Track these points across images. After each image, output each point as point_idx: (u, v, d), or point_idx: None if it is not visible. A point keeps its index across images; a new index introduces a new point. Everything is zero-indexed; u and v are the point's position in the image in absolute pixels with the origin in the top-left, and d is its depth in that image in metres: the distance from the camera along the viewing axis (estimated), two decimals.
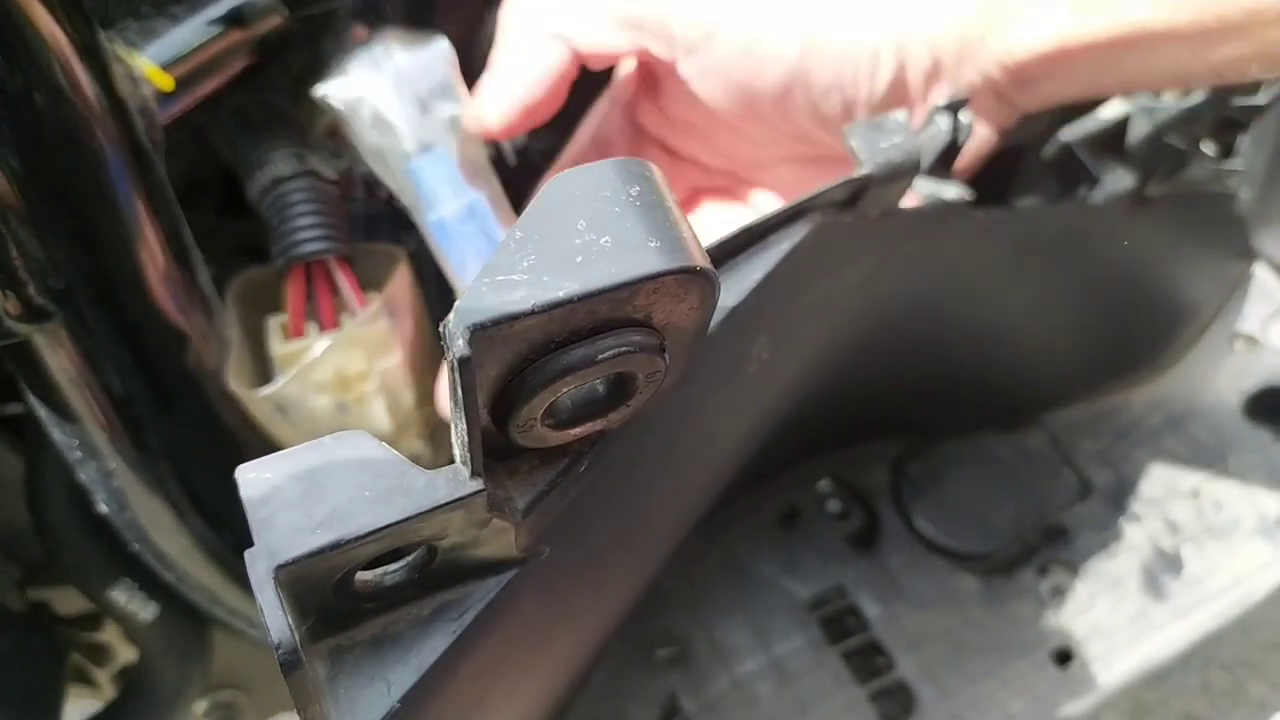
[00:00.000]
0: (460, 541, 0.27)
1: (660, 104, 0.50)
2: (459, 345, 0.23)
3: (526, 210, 0.25)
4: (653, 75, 0.49)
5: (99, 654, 0.71)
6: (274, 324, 0.50)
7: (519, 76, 0.46)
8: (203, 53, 0.43)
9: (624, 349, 0.25)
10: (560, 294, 0.24)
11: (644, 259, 0.24)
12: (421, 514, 0.25)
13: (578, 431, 0.28)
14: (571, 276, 0.24)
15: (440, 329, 0.23)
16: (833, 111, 0.45)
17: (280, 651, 0.23)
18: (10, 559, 0.63)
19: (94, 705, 0.67)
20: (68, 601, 0.67)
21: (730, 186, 0.53)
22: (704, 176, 0.53)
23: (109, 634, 0.70)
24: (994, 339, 0.67)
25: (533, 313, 0.23)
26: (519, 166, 0.56)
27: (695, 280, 0.25)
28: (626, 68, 0.51)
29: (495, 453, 0.28)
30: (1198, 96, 0.63)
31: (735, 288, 0.35)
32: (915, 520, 0.75)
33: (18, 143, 0.37)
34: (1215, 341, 0.87)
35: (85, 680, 0.72)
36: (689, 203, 0.53)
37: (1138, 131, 0.61)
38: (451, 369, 0.23)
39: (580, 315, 0.24)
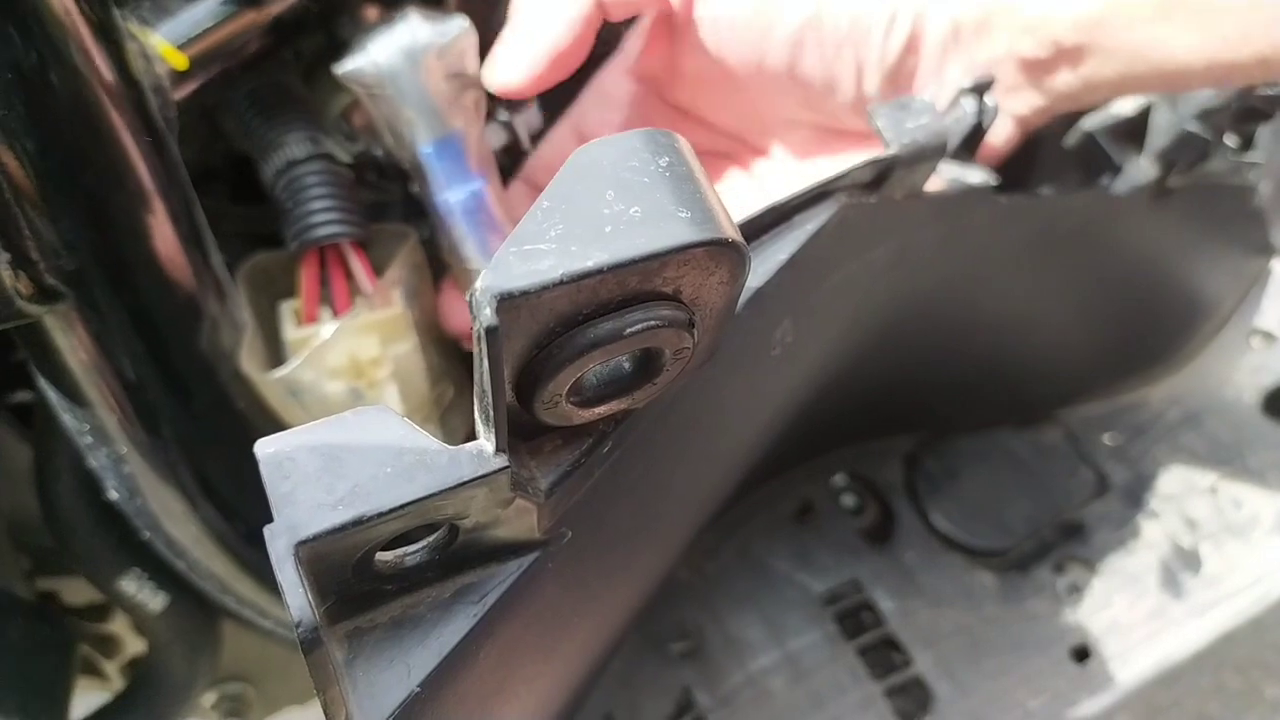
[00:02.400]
0: (482, 521, 0.27)
1: (673, 55, 0.49)
2: (486, 314, 0.22)
3: (554, 180, 0.25)
4: (668, 24, 0.48)
5: (108, 645, 0.71)
6: (287, 309, 0.49)
7: (545, 24, 0.44)
8: (217, 31, 0.43)
9: (653, 323, 0.25)
10: (589, 264, 0.23)
11: (674, 230, 0.24)
12: (444, 491, 0.24)
13: (602, 410, 0.28)
14: (600, 246, 0.23)
15: (468, 298, 0.23)
16: (844, 70, 0.45)
17: (300, 630, 0.23)
18: (19, 549, 0.63)
19: (102, 696, 0.67)
20: (77, 592, 0.66)
21: (734, 151, 0.52)
22: (708, 138, 0.52)
23: (118, 625, 0.69)
24: (1012, 330, 0.67)
25: (561, 282, 0.23)
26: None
27: (726, 252, 0.25)
28: (640, 25, 0.51)
29: (519, 430, 0.28)
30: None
31: (760, 268, 0.34)
32: (931, 516, 0.74)
33: (31, 121, 0.36)
34: (1233, 337, 0.86)
35: (94, 671, 0.72)
36: None
37: (1160, 121, 0.60)
38: (478, 340, 0.23)
39: (609, 286, 0.24)
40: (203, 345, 0.45)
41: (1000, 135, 0.47)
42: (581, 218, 0.24)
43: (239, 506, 0.50)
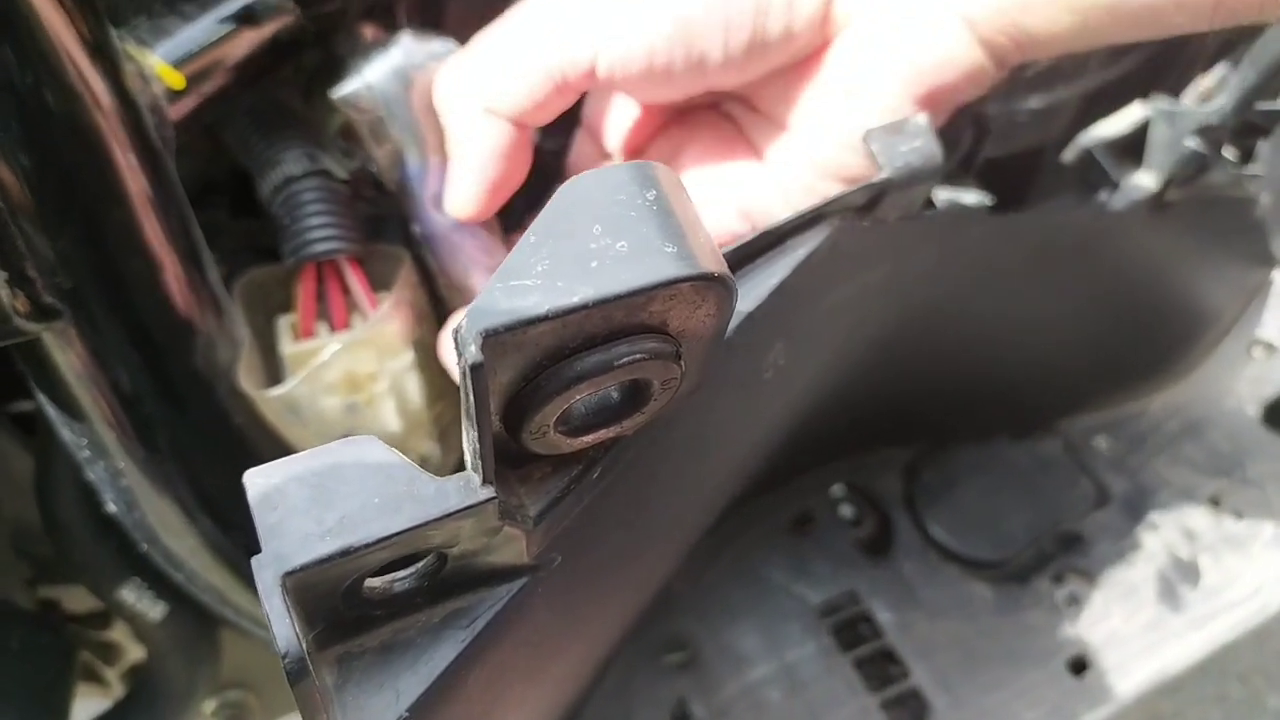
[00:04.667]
0: (471, 549, 0.27)
1: (603, 117, 0.50)
2: (471, 351, 0.22)
3: (540, 214, 0.25)
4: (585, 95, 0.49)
5: (108, 652, 0.71)
6: (284, 324, 0.49)
7: (470, 164, 0.45)
8: (214, 51, 0.43)
9: (639, 355, 0.25)
10: (575, 299, 0.23)
11: (660, 265, 0.24)
12: (431, 522, 0.25)
13: (591, 438, 0.28)
14: (586, 282, 0.23)
15: (453, 334, 0.23)
16: (740, 50, 0.42)
17: (287, 660, 0.23)
18: (21, 557, 0.63)
19: (103, 703, 0.67)
20: (77, 600, 0.67)
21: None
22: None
23: (118, 633, 0.70)
24: (1011, 344, 0.67)
25: (547, 318, 0.23)
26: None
27: (712, 287, 0.25)
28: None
29: (507, 459, 0.28)
30: (1219, 101, 0.62)
31: (752, 293, 0.35)
32: (929, 527, 0.74)
33: (28, 140, 0.37)
34: (1234, 348, 0.86)
35: (95, 678, 0.72)
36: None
37: (1158, 136, 0.60)
38: (463, 375, 0.23)
39: (595, 321, 0.24)
40: (199, 361, 0.45)
41: (962, 59, 0.42)
42: (568, 253, 0.24)
43: (237, 519, 0.50)
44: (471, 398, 0.23)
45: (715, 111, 0.49)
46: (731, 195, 0.45)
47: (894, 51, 0.42)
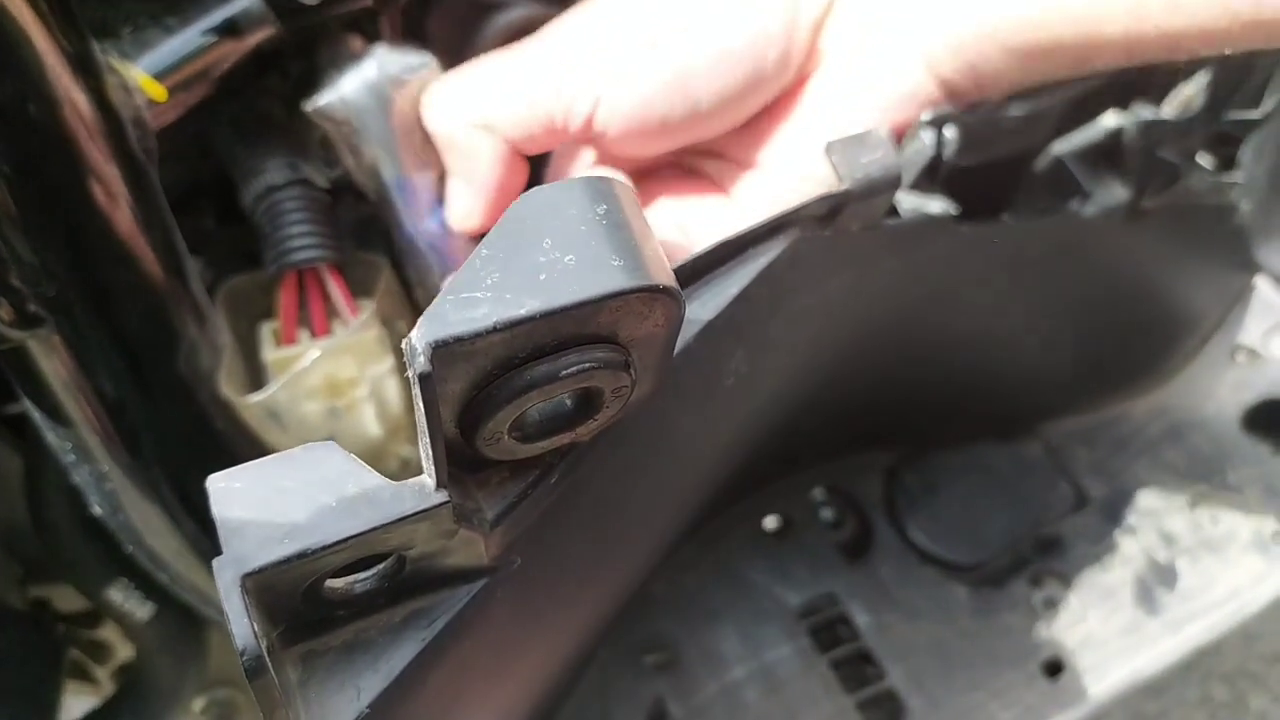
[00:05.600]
0: (429, 551, 0.28)
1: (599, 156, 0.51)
2: (420, 361, 0.23)
3: (494, 228, 0.26)
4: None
5: (98, 651, 0.72)
6: (266, 330, 0.51)
7: (467, 179, 0.47)
8: (196, 62, 0.44)
9: (588, 365, 0.26)
10: (522, 311, 0.24)
11: (607, 277, 0.25)
12: (387, 525, 0.26)
13: (546, 444, 0.29)
14: (534, 294, 0.24)
15: (403, 345, 0.24)
16: (736, 94, 0.44)
17: (245, 658, 0.24)
18: (11, 556, 0.64)
19: (93, 701, 0.68)
20: (68, 599, 0.67)
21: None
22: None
23: (108, 632, 0.70)
24: (988, 351, 0.67)
25: (494, 330, 0.24)
26: None
27: (659, 298, 0.26)
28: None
29: (465, 464, 0.29)
30: (1192, 109, 0.63)
31: (711, 302, 0.36)
32: (908, 530, 0.75)
33: (11, 151, 0.38)
34: (1215, 354, 0.87)
35: (85, 677, 0.73)
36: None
37: (1130, 144, 0.61)
38: (413, 384, 0.24)
39: (543, 332, 0.25)
40: (182, 367, 0.46)
41: (919, 93, 0.45)
42: (518, 266, 0.25)
43: None
44: (422, 405, 0.24)
45: (678, 165, 0.51)
46: (711, 234, 0.46)
47: (866, 90, 0.45)
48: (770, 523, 0.76)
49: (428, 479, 0.26)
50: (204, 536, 0.51)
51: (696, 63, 0.43)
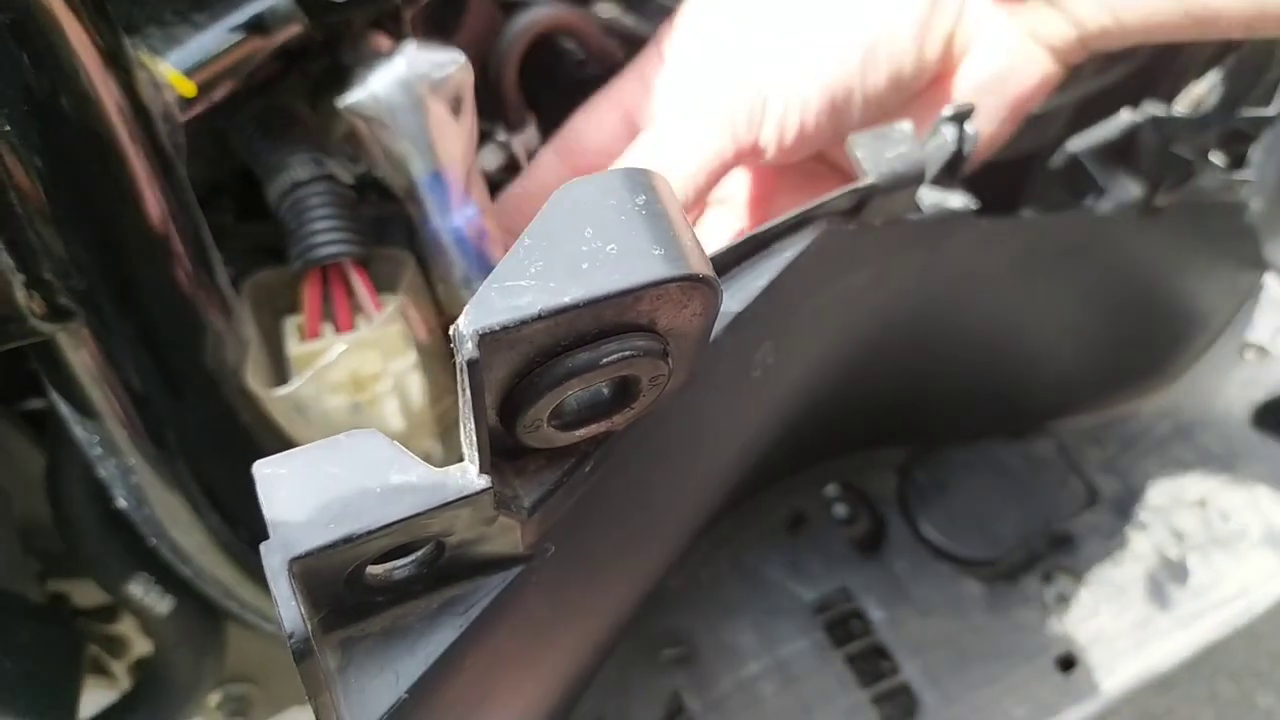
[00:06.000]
0: (468, 538, 0.28)
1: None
2: (468, 348, 0.24)
3: (536, 218, 0.26)
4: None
5: (116, 646, 0.72)
6: (290, 325, 0.51)
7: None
8: (224, 59, 0.44)
9: (628, 353, 0.26)
10: (566, 299, 0.24)
11: (648, 266, 0.25)
12: (430, 510, 0.26)
13: (583, 432, 0.29)
14: (577, 283, 0.25)
15: (450, 332, 0.24)
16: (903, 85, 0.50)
17: (293, 640, 0.24)
18: (31, 551, 0.65)
19: (111, 696, 0.69)
20: (86, 594, 0.68)
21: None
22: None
23: (126, 626, 0.71)
24: (1001, 347, 0.68)
25: (540, 318, 0.24)
26: None
27: (698, 288, 0.26)
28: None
29: (503, 452, 0.29)
30: (1205, 107, 0.63)
31: (740, 294, 0.36)
32: (921, 526, 0.75)
33: (43, 146, 0.38)
34: (1225, 351, 0.87)
35: (102, 671, 0.73)
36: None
37: (1145, 142, 0.61)
38: (460, 371, 0.24)
39: (585, 320, 0.25)
40: (208, 361, 0.46)
41: (1037, 69, 0.50)
42: (560, 255, 0.25)
43: (243, 515, 0.51)
44: (468, 392, 0.25)
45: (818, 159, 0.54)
46: None
47: (1002, 73, 0.50)
48: (785, 519, 0.76)
49: (470, 465, 0.27)
50: (226, 529, 0.52)
51: (853, 76, 0.48)
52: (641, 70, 0.54)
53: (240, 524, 0.52)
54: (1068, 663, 0.70)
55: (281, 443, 0.50)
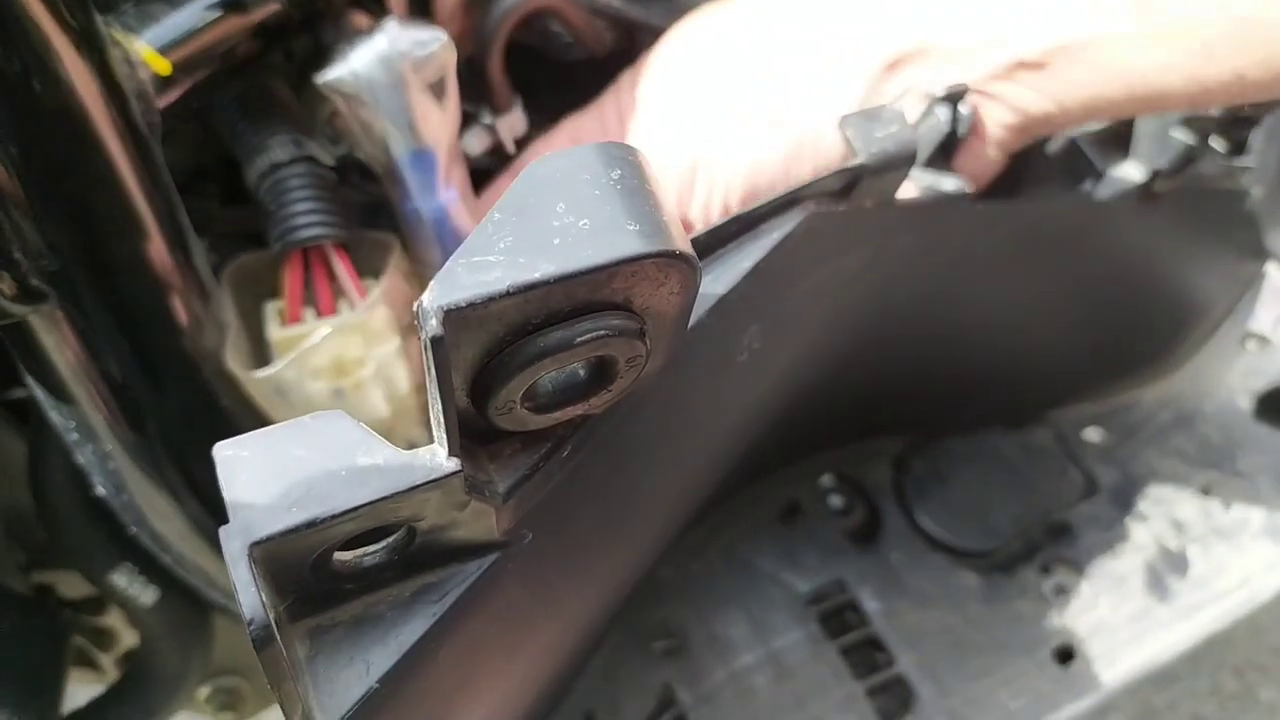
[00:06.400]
0: (439, 523, 0.27)
1: None
2: (432, 325, 0.23)
3: (506, 193, 0.25)
4: None
5: (103, 638, 0.72)
6: (271, 309, 0.50)
7: None
8: (201, 37, 0.43)
9: (602, 332, 0.25)
10: (536, 275, 0.23)
11: (622, 242, 0.24)
12: (397, 494, 0.25)
13: (559, 415, 0.28)
14: (548, 258, 0.24)
15: (414, 308, 0.23)
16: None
17: (253, 628, 0.23)
18: (15, 542, 0.64)
19: (98, 688, 0.68)
20: (72, 585, 0.67)
21: None
22: None
23: (112, 618, 0.70)
24: (1000, 333, 0.67)
25: (508, 294, 0.23)
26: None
27: (675, 264, 0.25)
28: None
29: (477, 435, 0.28)
30: None
31: (725, 276, 0.35)
32: (918, 517, 0.74)
33: (14, 126, 0.37)
34: (1226, 341, 0.86)
35: (89, 663, 0.73)
36: None
37: (1144, 126, 0.60)
38: (425, 349, 0.23)
39: (557, 297, 0.24)
40: (186, 344, 0.45)
41: (978, 164, 0.48)
42: (531, 230, 0.24)
43: (224, 503, 0.51)
44: (433, 370, 0.24)
45: None
46: None
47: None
48: (779, 509, 0.75)
49: (439, 448, 0.26)
50: (209, 518, 0.51)
51: (776, 168, 0.47)
52: (600, 111, 0.54)
53: (221, 512, 0.51)
54: (1066, 655, 0.69)
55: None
